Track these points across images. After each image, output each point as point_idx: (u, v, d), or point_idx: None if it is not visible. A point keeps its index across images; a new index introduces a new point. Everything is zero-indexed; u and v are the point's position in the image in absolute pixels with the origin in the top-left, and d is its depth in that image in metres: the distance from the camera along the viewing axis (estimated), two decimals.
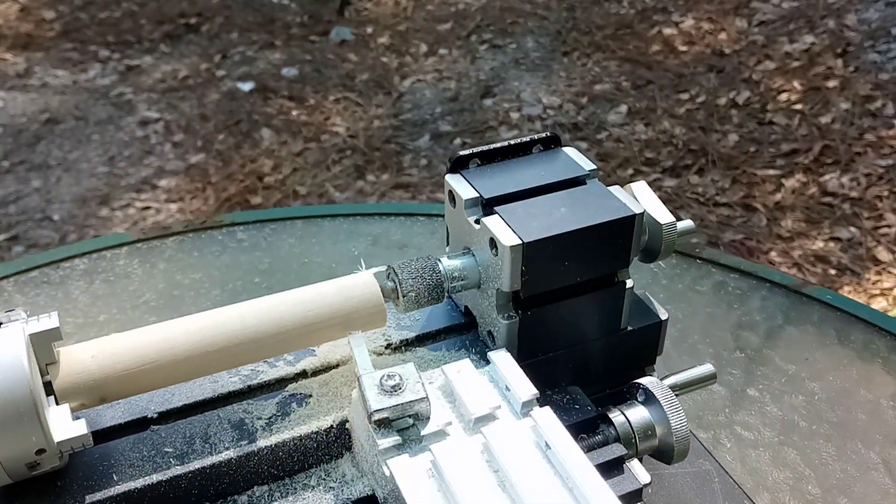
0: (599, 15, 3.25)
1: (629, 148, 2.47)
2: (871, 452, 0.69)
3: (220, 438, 0.47)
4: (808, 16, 2.98)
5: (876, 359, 0.78)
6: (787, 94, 2.62)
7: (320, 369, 0.52)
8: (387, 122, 2.76)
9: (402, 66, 3.08)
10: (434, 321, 0.55)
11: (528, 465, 0.42)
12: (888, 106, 2.49)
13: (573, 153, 0.54)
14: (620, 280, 0.52)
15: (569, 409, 0.51)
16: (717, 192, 2.25)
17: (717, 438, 0.71)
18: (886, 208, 2.13)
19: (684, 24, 3.10)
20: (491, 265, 0.49)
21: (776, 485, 0.66)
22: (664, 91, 2.72)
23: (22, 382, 0.40)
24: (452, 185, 0.51)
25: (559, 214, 0.48)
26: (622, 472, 0.49)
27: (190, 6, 3.58)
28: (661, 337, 0.56)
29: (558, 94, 2.80)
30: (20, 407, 0.40)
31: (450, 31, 3.27)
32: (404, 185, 2.43)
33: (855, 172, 2.26)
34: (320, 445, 0.49)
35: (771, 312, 0.84)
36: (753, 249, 2.06)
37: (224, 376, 0.51)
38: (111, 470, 0.46)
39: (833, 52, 2.77)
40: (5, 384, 0.40)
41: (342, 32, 3.31)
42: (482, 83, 2.92)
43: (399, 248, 0.92)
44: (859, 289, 1.92)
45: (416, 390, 0.44)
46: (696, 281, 0.88)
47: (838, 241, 2.07)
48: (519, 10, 3.36)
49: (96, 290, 0.89)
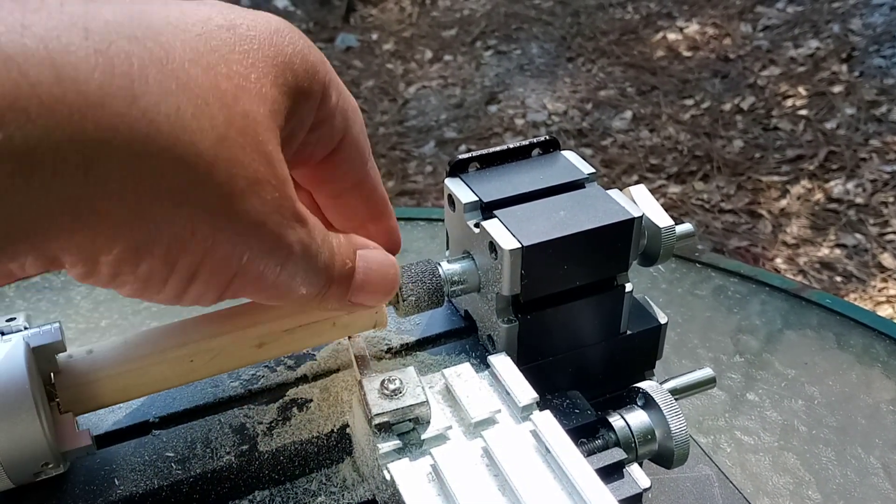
0: (604, 20, 3.26)
1: (634, 154, 2.47)
2: (871, 457, 0.69)
3: (221, 443, 0.48)
4: (813, 20, 2.98)
5: (875, 363, 0.78)
6: (792, 100, 2.62)
7: (321, 374, 0.52)
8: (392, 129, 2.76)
9: (408, 73, 3.09)
10: (434, 325, 0.55)
11: (528, 469, 0.42)
12: (893, 111, 2.48)
13: (572, 157, 0.54)
14: (620, 284, 0.52)
15: (569, 414, 0.51)
16: (722, 199, 2.25)
17: (717, 443, 0.71)
18: (892, 214, 2.13)
19: (689, 29, 3.11)
20: (490, 269, 0.49)
21: (776, 490, 0.66)
22: (669, 97, 2.73)
23: (25, 397, 0.40)
24: (452, 189, 0.51)
25: (558, 218, 0.49)
26: (622, 476, 0.49)
27: None
28: (660, 341, 0.56)
29: (563, 100, 2.81)
30: (26, 423, 0.40)
31: (455, 38, 3.28)
32: (409, 192, 2.44)
33: (860, 178, 2.26)
34: (321, 450, 0.49)
35: (770, 317, 0.84)
36: (759, 256, 2.06)
37: (225, 381, 0.51)
38: (113, 475, 0.46)
39: (838, 57, 2.77)
40: (9, 400, 0.40)
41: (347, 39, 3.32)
42: (487, 89, 2.92)
43: (399, 253, 0.92)
44: (865, 296, 1.92)
45: (417, 394, 0.44)
46: (696, 285, 0.88)
47: (844, 248, 2.07)
48: (524, 16, 3.36)
49: (98, 296, 0.89)
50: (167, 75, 0.30)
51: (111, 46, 0.29)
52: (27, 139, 0.27)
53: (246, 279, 0.35)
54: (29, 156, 0.27)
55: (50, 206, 0.28)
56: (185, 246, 0.32)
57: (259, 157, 0.34)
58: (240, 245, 0.34)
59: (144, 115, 0.29)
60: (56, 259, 0.31)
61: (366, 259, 0.42)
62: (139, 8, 0.32)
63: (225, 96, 0.32)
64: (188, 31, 0.32)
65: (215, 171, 0.32)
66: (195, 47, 0.32)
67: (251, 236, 0.34)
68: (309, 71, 0.38)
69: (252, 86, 0.34)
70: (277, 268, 0.36)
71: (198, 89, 0.31)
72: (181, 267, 0.33)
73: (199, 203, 0.32)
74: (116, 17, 0.30)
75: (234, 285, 0.35)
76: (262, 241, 0.34)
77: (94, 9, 0.30)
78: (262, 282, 0.36)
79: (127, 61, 0.29)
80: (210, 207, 0.32)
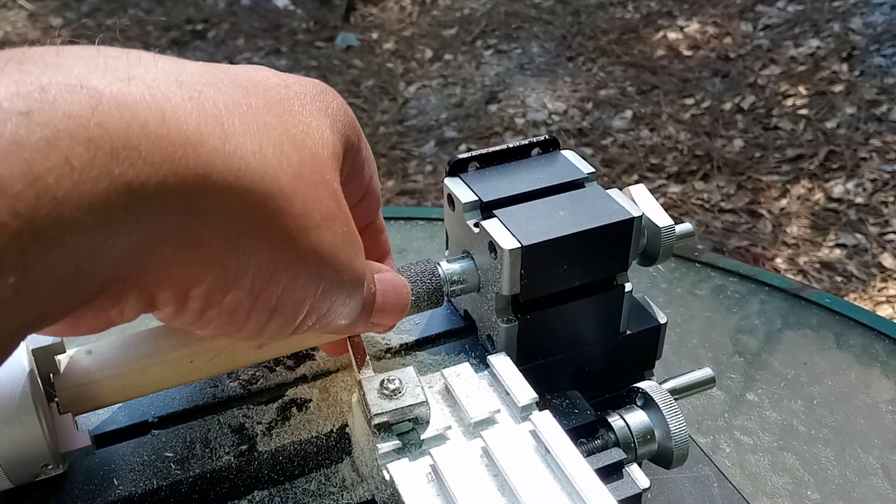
0: (604, 20, 3.26)
1: (634, 154, 2.47)
2: (870, 457, 0.69)
3: (220, 443, 0.48)
4: (814, 20, 2.98)
5: (875, 363, 0.78)
6: (792, 99, 2.62)
7: (320, 374, 0.52)
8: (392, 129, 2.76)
9: (408, 72, 3.08)
10: (433, 325, 0.55)
11: (527, 469, 0.42)
12: (894, 110, 2.48)
13: (572, 156, 0.54)
14: (619, 284, 0.52)
15: (568, 414, 0.51)
16: (722, 199, 2.25)
17: (716, 443, 0.71)
18: (892, 214, 2.13)
19: (689, 28, 3.10)
20: (490, 269, 0.49)
21: (775, 490, 0.66)
22: (669, 96, 2.73)
23: (25, 398, 0.40)
24: (451, 189, 0.51)
25: (558, 218, 0.49)
26: (621, 476, 0.49)
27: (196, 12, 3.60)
28: (660, 341, 0.56)
29: (563, 99, 2.80)
30: (25, 423, 0.40)
31: (455, 37, 3.28)
32: (409, 192, 2.44)
33: (860, 178, 2.26)
34: (320, 450, 0.49)
35: (770, 316, 0.84)
36: (759, 256, 2.06)
37: (224, 381, 0.51)
38: (112, 475, 0.46)
39: (838, 57, 2.77)
40: (8, 401, 0.40)
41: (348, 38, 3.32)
42: (487, 89, 2.92)
43: (399, 252, 0.92)
44: (865, 296, 1.92)
45: (416, 394, 0.44)
46: (695, 285, 0.88)
47: (844, 248, 2.06)
48: (524, 16, 3.36)
49: None
50: (250, 119, 0.34)
51: (201, 94, 0.32)
52: (138, 174, 0.28)
53: (318, 311, 0.38)
54: (140, 190, 0.29)
55: (155, 238, 0.30)
56: (270, 276, 0.35)
57: (328, 193, 0.37)
58: (316, 276, 0.36)
59: (236, 152, 0.32)
60: (153, 299, 0.33)
61: (383, 282, 0.45)
62: (215, 65, 0.36)
63: (295, 139, 0.36)
64: (257, 86, 0.36)
65: (294, 205, 0.34)
66: (265, 98, 0.36)
67: (327, 267, 0.37)
68: (350, 124, 0.42)
69: (314, 132, 0.37)
70: (342, 302, 0.39)
71: (274, 132, 0.35)
72: (264, 298, 0.35)
73: (282, 235, 0.34)
74: (201, 72, 0.34)
75: (308, 318, 0.38)
76: (336, 271, 0.37)
77: (182, 64, 0.33)
78: (330, 314, 0.39)
79: (216, 107, 0.32)
80: (291, 239, 0.35)
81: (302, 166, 0.35)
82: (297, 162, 0.35)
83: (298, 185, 0.35)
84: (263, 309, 0.36)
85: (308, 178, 0.35)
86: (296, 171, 0.35)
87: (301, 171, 0.35)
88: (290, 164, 0.34)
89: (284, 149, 0.35)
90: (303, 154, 0.36)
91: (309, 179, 0.35)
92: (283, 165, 0.34)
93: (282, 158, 0.34)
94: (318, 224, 0.36)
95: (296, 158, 0.35)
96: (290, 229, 0.34)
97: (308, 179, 0.35)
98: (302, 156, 0.36)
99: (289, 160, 0.35)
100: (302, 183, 0.35)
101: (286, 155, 0.35)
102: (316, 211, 0.35)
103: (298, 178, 0.35)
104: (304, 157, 0.36)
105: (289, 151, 0.35)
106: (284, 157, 0.34)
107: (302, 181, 0.35)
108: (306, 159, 0.36)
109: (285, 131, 0.35)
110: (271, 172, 0.33)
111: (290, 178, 0.34)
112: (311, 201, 0.35)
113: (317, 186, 0.36)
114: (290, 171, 0.34)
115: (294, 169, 0.35)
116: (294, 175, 0.35)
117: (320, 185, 0.36)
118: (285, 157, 0.34)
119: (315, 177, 0.36)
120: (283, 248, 0.34)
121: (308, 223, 0.35)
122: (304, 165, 0.35)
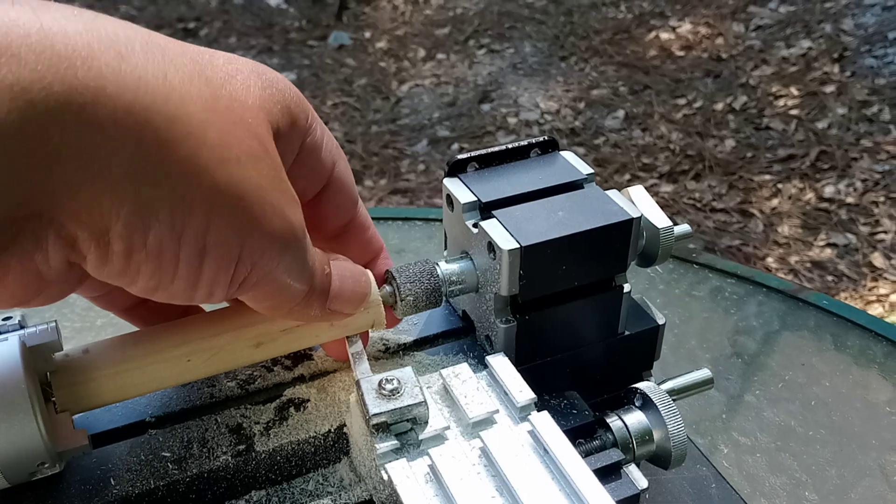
0: (597, 20, 3.26)
1: (626, 153, 2.47)
2: (868, 458, 0.69)
3: (217, 443, 0.47)
4: (805, 20, 2.99)
5: (872, 364, 0.78)
6: (783, 100, 2.63)
7: (318, 374, 0.52)
8: (384, 127, 2.76)
9: (401, 71, 3.08)
10: (432, 325, 0.55)
11: (525, 470, 0.42)
12: (885, 111, 2.49)
13: (571, 157, 0.54)
14: (618, 284, 0.52)
15: (566, 414, 0.51)
16: (713, 198, 2.26)
17: (714, 444, 0.71)
18: (883, 214, 2.14)
19: (681, 28, 3.11)
20: (489, 269, 0.49)
21: (773, 490, 0.67)
22: (661, 96, 2.73)
23: (21, 397, 0.40)
24: (450, 189, 0.51)
25: (557, 218, 0.48)
26: (620, 477, 0.49)
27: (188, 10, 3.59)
28: (658, 342, 0.56)
29: (556, 98, 2.81)
30: (22, 422, 0.40)
31: (448, 36, 3.28)
32: (402, 191, 2.44)
33: (851, 178, 2.27)
34: (318, 450, 0.49)
35: (767, 318, 0.84)
36: (750, 255, 2.07)
37: (222, 381, 0.51)
38: (108, 474, 0.45)
39: (830, 57, 2.77)
40: (5, 400, 0.40)
41: (340, 37, 3.32)
42: (480, 88, 2.92)
43: (397, 253, 0.92)
44: (855, 295, 1.92)
45: (415, 394, 0.44)
46: (693, 286, 0.88)
47: (835, 248, 2.07)
48: (517, 15, 3.36)
49: None
50: (153, 49, 0.32)
51: (97, 21, 0.31)
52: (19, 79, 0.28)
53: (252, 259, 0.36)
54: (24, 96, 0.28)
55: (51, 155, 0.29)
56: (189, 208, 0.33)
57: (251, 135, 0.35)
58: (241, 215, 0.35)
59: (133, 72, 0.31)
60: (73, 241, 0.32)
61: (339, 268, 0.44)
62: None
63: (211, 80, 0.34)
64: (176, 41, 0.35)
65: (208, 134, 0.33)
66: (182, 45, 0.35)
67: (252, 205, 0.35)
68: (294, 100, 0.40)
69: (237, 82, 0.36)
70: (277, 254, 0.37)
71: (184, 68, 0.33)
72: (189, 237, 0.33)
73: (194, 163, 0.33)
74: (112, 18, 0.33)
75: (242, 266, 0.36)
76: (264, 214, 0.35)
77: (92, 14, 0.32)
78: (268, 267, 0.37)
79: (113, 33, 0.31)
80: (206, 169, 0.33)
81: (217, 102, 0.34)
82: (209, 97, 0.34)
83: (212, 116, 0.33)
84: (192, 251, 0.34)
85: (225, 115, 0.34)
86: (208, 105, 0.33)
87: (216, 107, 0.34)
88: (200, 97, 0.33)
89: (195, 83, 0.33)
90: (219, 93, 0.34)
91: (226, 116, 0.34)
92: (193, 96, 0.33)
93: (191, 89, 0.33)
94: (238, 158, 0.34)
95: (208, 93, 0.34)
96: (204, 158, 0.33)
97: (225, 116, 0.34)
98: (218, 94, 0.34)
99: (199, 93, 0.33)
100: (217, 117, 0.34)
101: (196, 87, 0.33)
102: (234, 146, 0.34)
103: (213, 112, 0.33)
104: (220, 95, 0.34)
105: (200, 86, 0.33)
106: (195, 89, 0.33)
107: (217, 115, 0.34)
108: (223, 98, 0.34)
109: (198, 71, 0.34)
110: (177, 97, 0.32)
111: (201, 109, 0.33)
112: (228, 136, 0.34)
113: (236, 125, 0.34)
114: (201, 104, 0.33)
115: (206, 103, 0.33)
116: (205, 108, 0.33)
117: (240, 124, 0.35)
118: (195, 89, 0.33)
119: (233, 115, 0.34)
120: (199, 178, 0.33)
121: (225, 155, 0.33)
122: (219, 102, 0.34)
